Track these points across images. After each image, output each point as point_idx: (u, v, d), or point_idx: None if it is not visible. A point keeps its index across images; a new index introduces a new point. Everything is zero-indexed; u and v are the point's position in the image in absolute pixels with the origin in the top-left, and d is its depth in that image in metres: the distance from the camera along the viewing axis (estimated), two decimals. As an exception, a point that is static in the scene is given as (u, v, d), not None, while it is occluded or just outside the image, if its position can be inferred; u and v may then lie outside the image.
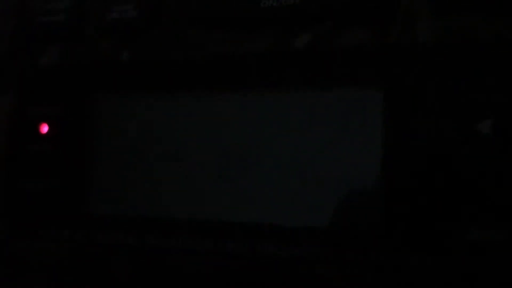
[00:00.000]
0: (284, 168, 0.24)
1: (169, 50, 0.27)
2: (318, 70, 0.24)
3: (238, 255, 0.24)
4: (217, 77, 0.26)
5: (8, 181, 0.29)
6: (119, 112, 0.28)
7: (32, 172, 0.29)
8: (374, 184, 0.23)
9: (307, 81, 0.24)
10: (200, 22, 0.26)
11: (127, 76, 0.28)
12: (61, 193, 0.28)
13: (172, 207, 0.26)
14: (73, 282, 0.27)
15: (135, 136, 0.27)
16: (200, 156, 0.26)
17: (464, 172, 0.21)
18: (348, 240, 0.23)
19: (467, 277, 0.21)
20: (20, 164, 0.29)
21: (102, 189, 0.27)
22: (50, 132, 0.28)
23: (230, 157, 0.25)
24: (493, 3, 0.22)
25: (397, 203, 0.22)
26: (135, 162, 0.27)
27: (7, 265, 0.29)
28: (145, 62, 0.27)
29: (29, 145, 0.29)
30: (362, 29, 0.23)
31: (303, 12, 0.24)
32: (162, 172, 0.26)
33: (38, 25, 0.30)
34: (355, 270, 0.22)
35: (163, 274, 0.26)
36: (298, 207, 0.24)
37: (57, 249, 0.28)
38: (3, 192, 0.29)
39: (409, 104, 0.22)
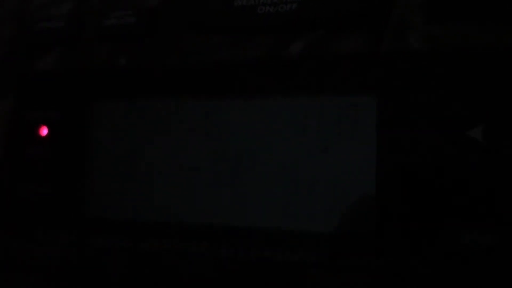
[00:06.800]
0: (279, 172, 0.24)
1: (166, 57, 0.27)
2: (312, 76, 0.24)
3: (232, 259, 0.24)
4: (214, 83, 0.26)
5: (5, 183, 0.29)
6: (116, 117, 0.28)
7: (30, 175, 0.29)
8: (368, 188, 0.23)
9: (302, 87, 0.24)
10: (197, 28, 0.27)
11: (125, 82, 0.28)
12: (58, 196, 0.28)
13: (167, 211, 0.26)
14: (68, 284, 0.27)
15: (132, 140, 0.27)
16: (195, 161, 0.26)
17: (456, 177, 0.22)
18: (342, 244, 0.23)
19: (460, 281, 0.21)
20: (18, 167, 0.29)
21: (99, 193, 0.28)
22: (49, 135, 0.29)
23: (226, 161, 0.25)
24: (484, 12, 0.22)
25: (390, 207, 0.22)
26: (132, 166, 0.27)
27: (2, 267, 0.29)
28: (143, 68, 0.27)
29: (27, 149, 0.29)
30: (356, 36, 0.24)
31: (299, 19, 0.24)
32: (158, 176, 0.27)
33: (38, 30, 0.30)
34: (349, 274, 0.23)
35: (158, 278, 0.26)
36: (292, 211, 0.24)
37: (53, 252, 0.28)
38: (1, 194, 0.29)
39: (402, 110, 0.23)
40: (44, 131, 0.29)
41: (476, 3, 0.22)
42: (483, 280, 0.21)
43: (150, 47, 0.28)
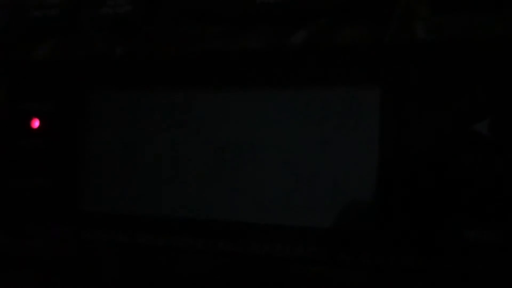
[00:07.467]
0: (279, 167, 0.24)
1: (163, 46, 0.27)
2: (314, 67, 0.24)
3: (231, 254, 0.24)
4: (211, 74, 0.26)
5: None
6: (112, 108, 0.27)
7: (22, 168, 0.28)
8: (369, 183, 0.22)
9: (303, 78, 0.24)
10: (195, 17, 0.26)
11: (120, 72, 0.27)
12: (52, 189, 0.28)
13: (164, 205, 0.26)
14: (63, 280, 0.27)
15: (128, 132, 0.27)
16: (193, 154, 0.25)
17: (460, 173, 0.21)
18: (342, 240, 0.23)
19: (461, 279, 0.21)
20: (10, 160, 0.29)
21: (93, 187, 0.27)
22: (41, 127, 0.28)
23: (225, 155, 0.25)
24: (491, 2, 0.21)
25: (391, 203, 0.22)
26: (128, 159, 0.27)
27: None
28: (139, 58, 0.27)
29: (19, 141, 0.28)
30: (359, 26, 0.23)
31: (299, 9, 0.24)
32: (155, 170, 0.26)
33: (32, 19, 0.29)
34: (348, 271, 0.22)
35: (154, 272, 0.26)
36: (292, 206, 0.24)
37: (48, 247, 0.27)
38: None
39: (406, 102, 0.22)
40: (36, 122, 0.28)
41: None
42: (487, 278, 0.20)
43: (147, 36, 0.27)
